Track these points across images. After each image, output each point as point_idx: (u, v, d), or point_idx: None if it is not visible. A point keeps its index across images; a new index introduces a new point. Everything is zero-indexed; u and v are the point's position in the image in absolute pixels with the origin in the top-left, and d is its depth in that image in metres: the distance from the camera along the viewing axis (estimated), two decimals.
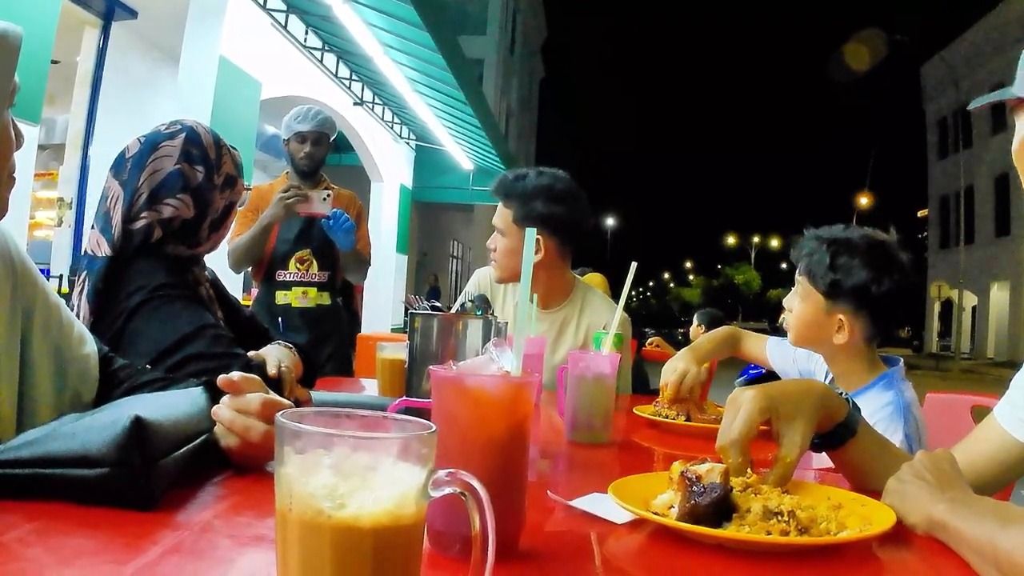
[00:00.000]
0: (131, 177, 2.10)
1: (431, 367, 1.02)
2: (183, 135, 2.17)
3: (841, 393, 1.55)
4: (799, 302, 2.42)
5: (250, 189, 2.50)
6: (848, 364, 2.39)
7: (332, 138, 4.66)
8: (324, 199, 4.12)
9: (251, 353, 2.04)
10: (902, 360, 2.41)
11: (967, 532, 1.10)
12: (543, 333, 3.17)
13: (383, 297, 15.34)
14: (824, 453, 1.58)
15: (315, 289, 4.47)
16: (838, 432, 1.50)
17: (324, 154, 4.58)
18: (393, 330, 13.75)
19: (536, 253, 3.06)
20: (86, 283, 2.01)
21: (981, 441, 1.65)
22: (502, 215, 3.14)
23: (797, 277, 2.45)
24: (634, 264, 2.10)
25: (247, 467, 1.34)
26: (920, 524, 1.21)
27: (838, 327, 2.33)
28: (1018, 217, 39.72)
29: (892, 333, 2.44)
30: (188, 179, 2.14)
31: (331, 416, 0.77)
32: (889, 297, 2.30)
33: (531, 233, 1.09)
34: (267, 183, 4.66)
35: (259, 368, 1.94)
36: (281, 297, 4.43)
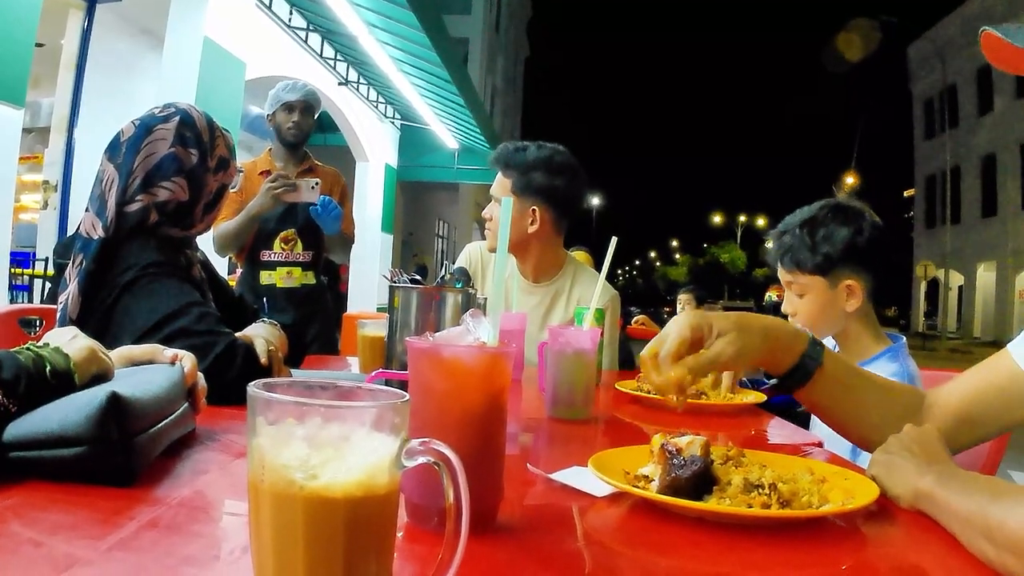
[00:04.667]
0: (126, 160, 2.10)
1: (408, 338, 1.02)
2: (177, 118, 2.17)
3: (800, 330, 1.53)
4: (801, 299, 2.43)
5: (242, 172, 2.49)
6: (857, 333, 2.41)
7: (317, 113, 4.64)
8: (312, 187, 4.10)
9: (238, 333, 2.04)
10: (904, 337, 2.43)
11: (956, 503, 1.09)
12: (534, 307, 3.19)
13: (369, 277, 15.32)
14: (801, 404, 1.56)
15: (300, 269, 4.45)
16: (802, 365, 1.48)
17: (311, 125, 4.57)
18: (379, 309, 13.73)
19: (532, 224, 3.12)
20: (81, 265, 2.01)
21: (991, 371, 1.59)
22: (501, 184, 3.17)
23: (786, 279, 2.46)
24: (614, 239, 2.09)
25: None
26: (905, 496, 1.21)
27: (848, 294, 2.35)
28: (1004, 197, 39.89)
29: (891, 281, 2.45)
30: (182, 162, 2.14)
31: (303, 387, 0.76)
32: (874, 242, 2.35)
33: (507, 203, 1.08)
34: (250, 160, 4.63)
35: (246, 349, 1.94)
36: (266, 277, 4.40)
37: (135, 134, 2.13)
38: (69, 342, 1.30)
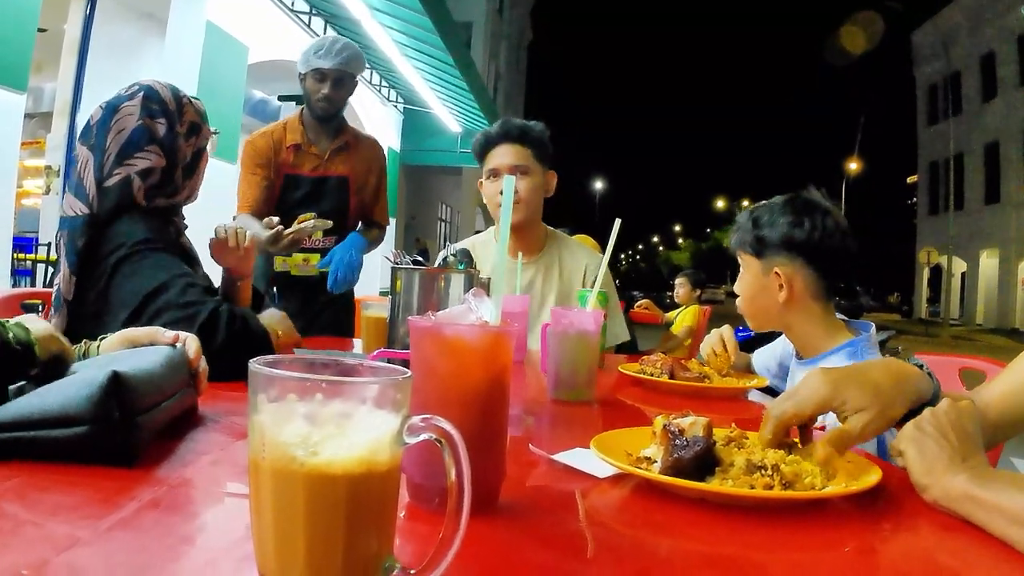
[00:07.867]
0: (98, 140, 2.15)
1: (410, 318, 1.01)
2: (141, 94, 2.21)
3: (921, 367, 1.48)
4: (741, 279, 2.44)
5: (217, 132, 2.37)
6: (802, 328, 2.36)
7: (358, 77, 4.12)
8: (312, 226, 3.60)
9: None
10: (873, 326, 2.36)
11: (1006, 502, 1.05)
12: (530, 280, 3.28)
13: (372, 260, 15.18)
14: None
15: (317, 256, 4.19)
16: (917, 409, 1.39)
17: (346, 96, 4.05)
18: (381, 293, 13.70)
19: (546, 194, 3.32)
20: (63, 242, 2.03)
21: (1019, 371, 1.54)
22: (522, 154, 3.24)
23: (739, 260, 2.47)
24: (618, 221, 2.08)
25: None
26: (931, 490, 1.16)
27: (779, 284, 2.32)
28: (1007, 184, 39.82)
29: (836, 284, 2.37)
30: (152, 132, 2.19)
31: (305, 364, 0.76)
32: (817, 240, 2.30)
33: (510, 180, 1.07)
34: (268, 127, 4.13)
35: (229, 312, 1.95)
36: (280, 264, 4.15)
37: (103, 115, 2.18)
38: (30, 322, 1.31)
